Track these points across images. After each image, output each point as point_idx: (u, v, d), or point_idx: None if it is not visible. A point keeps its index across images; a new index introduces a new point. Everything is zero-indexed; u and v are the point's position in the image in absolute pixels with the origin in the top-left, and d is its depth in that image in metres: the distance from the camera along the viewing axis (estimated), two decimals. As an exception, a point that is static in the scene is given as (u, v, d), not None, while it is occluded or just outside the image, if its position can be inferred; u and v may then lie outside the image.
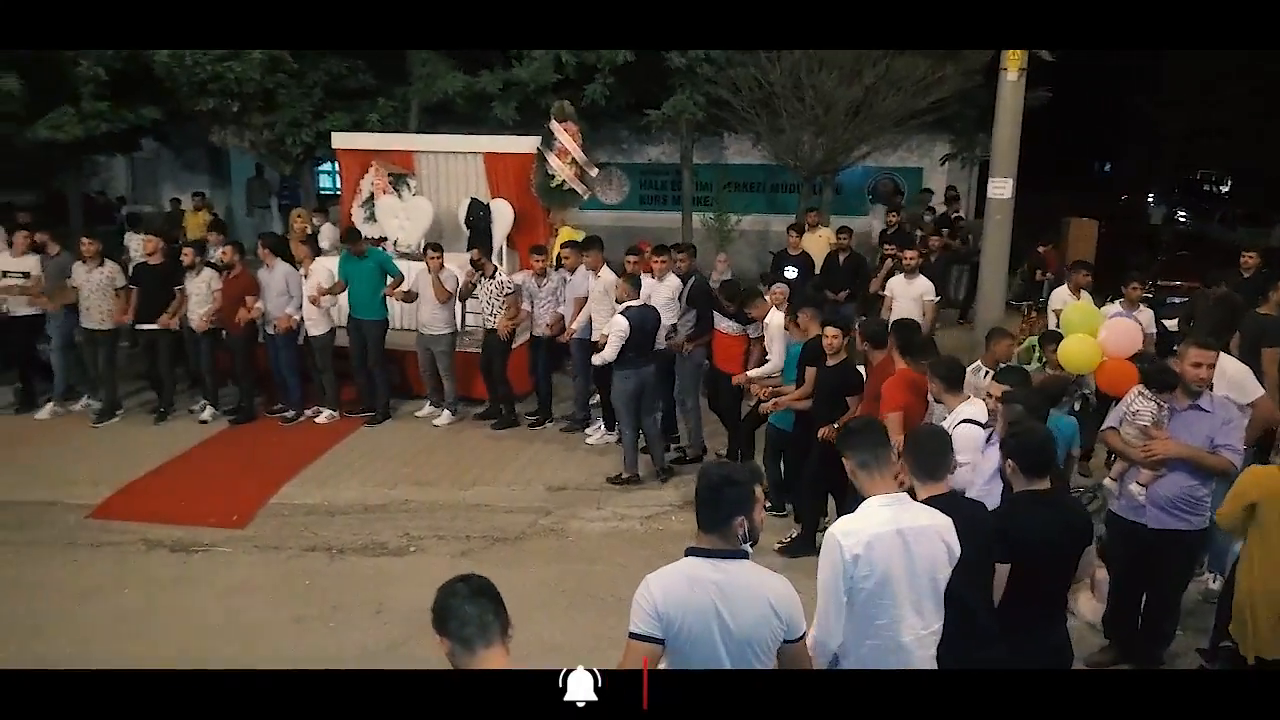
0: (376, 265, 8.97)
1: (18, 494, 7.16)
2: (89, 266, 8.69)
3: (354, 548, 6.52)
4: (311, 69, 12.60)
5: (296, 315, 8.67)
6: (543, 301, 8.78)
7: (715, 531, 2.86)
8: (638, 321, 7.19)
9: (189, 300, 8.75)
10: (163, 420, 8.84)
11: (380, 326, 8.93)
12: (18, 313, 8.97)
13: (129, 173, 18.41)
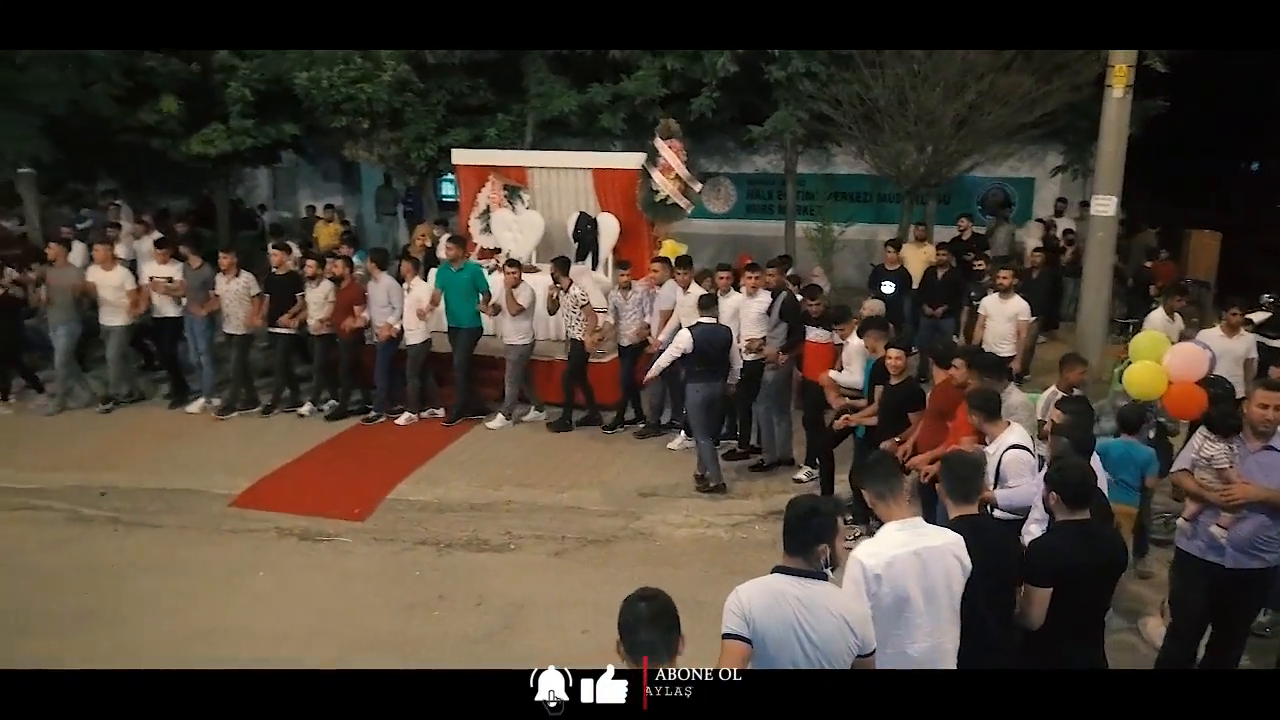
0: (470, 278, 9.56)
1: (170, 482, 8.02)
2: (227, 277, 9.64)
3: (460, 543, 7.10)
4: (435, 88, 13.40)
5: (396, 325, 9.40)
6: (628, 313, 9.26)
7: (800, 555, 3.22)
8: (702, 338, 7.58)
9: (309, 307, 9.60)
10: (268, 415, 9.75)
11: (471, 335, 9.53)
12: (165, 314, 9.97)
13: (270, 181, 19.76)
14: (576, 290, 9.38)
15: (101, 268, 9.78)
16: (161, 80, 13.18)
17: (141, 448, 8.81)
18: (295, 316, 9.62)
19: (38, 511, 7.56)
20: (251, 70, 13.17)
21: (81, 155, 14.16)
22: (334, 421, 9.49)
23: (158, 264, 9.93)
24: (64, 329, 9.76)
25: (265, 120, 13.88)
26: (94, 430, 9.35)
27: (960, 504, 3.83)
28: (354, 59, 12.66)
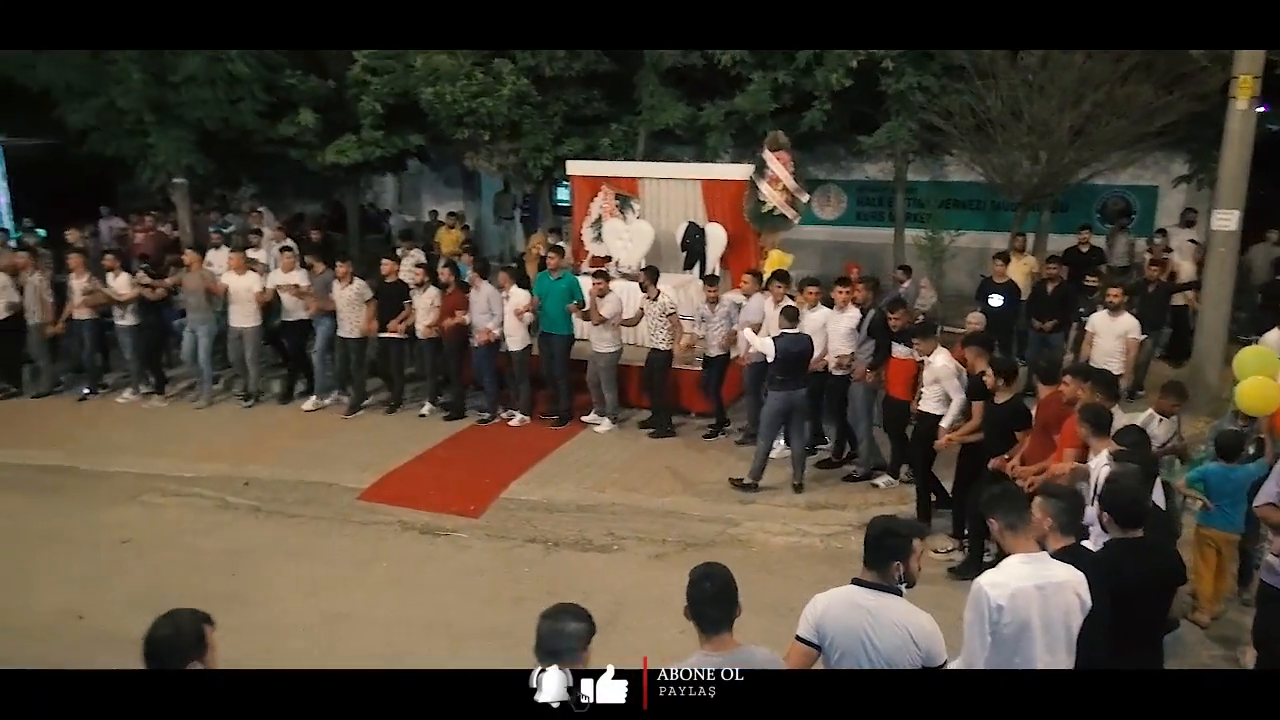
0: (567, 286, 10.02)
1: (305, 475, 8.71)
2: (342, 284, 10.35)
3: (567, 542, 7.52)
4: (553, 100, 13.91)
5: (496, 330, 9.93)
6: (715, 324, 9.55)
7: (876, 570, 3.49)
8: (784, 348, 7.94)
9: (416, 312, 10.21)
10: (392, 413, 10.40)
11: (566, 341, 10.00)
12: (293, 318, 10.75)
13: (396, 187, 20.77)
14: (664, 300, 9.74)
15: (235, 273, 10.62)
16: (300, 96, 14.10)
17: (279, 442, 9.57)
18: (403, 321, 10.25)
19: (191, 498, 8.35)
20: (382, 85, 13.93)
21: (227, 165, 15.27)
22: (451, 421, 10.07)
23: (284, 270, 10.72)
24: (203, 329, 10.64)
25: (393, 132, 14.67)
26: (236, 424, 10.19)
27: (1063, 537, 3.94)
28: (475, 75, 13.27)
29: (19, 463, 9.10)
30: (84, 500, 8.30)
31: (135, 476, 8.76)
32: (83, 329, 10.93)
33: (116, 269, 10.78)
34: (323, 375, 10.75)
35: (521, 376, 10.14)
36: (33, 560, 7.19)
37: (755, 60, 12.66)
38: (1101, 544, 4.20)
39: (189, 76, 12.98)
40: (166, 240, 14.29)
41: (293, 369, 11.08)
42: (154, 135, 13.40)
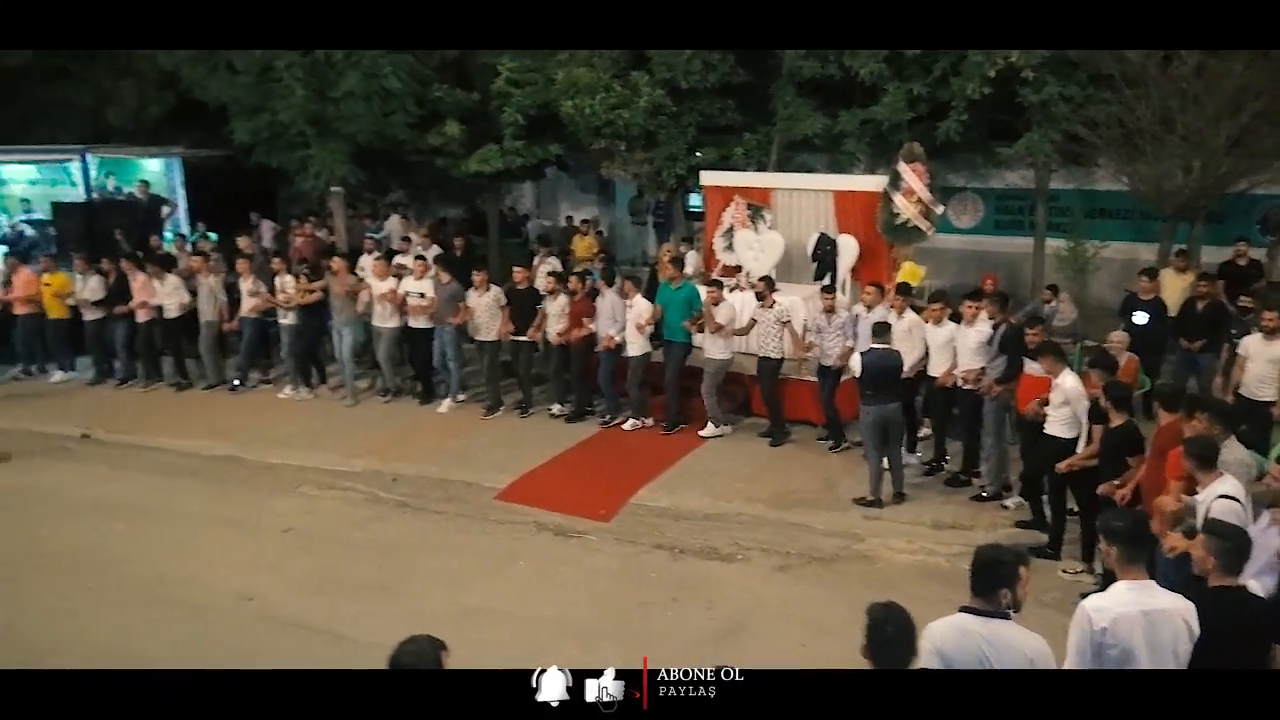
0: (686, 296, 10.31)
1: (448, 473, 9.23)
2: (479, 291, 10.87)
3: (693, 550, 7.75)
4: (687, 110, 14.17)
5: (618, 337, 10.30)
6: (830, 335, 9.64)
7: (983, 597, 3.60)
8: (870, 363, 8.20)
9: (547, 319, 10.67)
10: (525, 415, 10.92)
11: (684, 349, 10.28)
12: (417, 326, 11.34)
13: (534, 193, 21.45)
14: (779, 308, 9.89)
15: (376, 277, 11.32)
16: (447, 108, 14.82)
17: (423, 441, 10.16)
18: (538, 328, 10.73)
19: (345, 492, 8.97)
20: (523, 98, 14.49)
21: (377, 173, 16.16)
22: (572, 423, 10.58)
23: (414, 279, 11.33)
24: (347, 329, 11.38)
25: (533, 141, 15.23)
26: (384, 422, 10.85)
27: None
28: (614, 87, 13.65)
29: (196, 451, 9.97)
30: (251, 489, 9.04)
31: (295, 469, 9.47)
32: (247, 327, 11.85)
33: (282, 272, 11.62)
34: (457, 379, 11.32)
35: (636, 381, 10.47)
36: (208, 544, 7.91)
37: (892, 70, 12.58)
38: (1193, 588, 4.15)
39: (347, 92, 13.84)
40: (323, 245, 15.22)
41: (420, 372, 11.68)
42: (313, 147, 14.35)
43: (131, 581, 7.23)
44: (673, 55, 13.47)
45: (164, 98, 17.29)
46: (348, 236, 15.73)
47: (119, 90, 17.54)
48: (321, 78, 13.99)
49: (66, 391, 12.36)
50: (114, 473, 9.48)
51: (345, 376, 11.64)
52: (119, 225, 14.28)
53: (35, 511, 8.53)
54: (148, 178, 15.91)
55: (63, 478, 9.38)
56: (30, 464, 9.79)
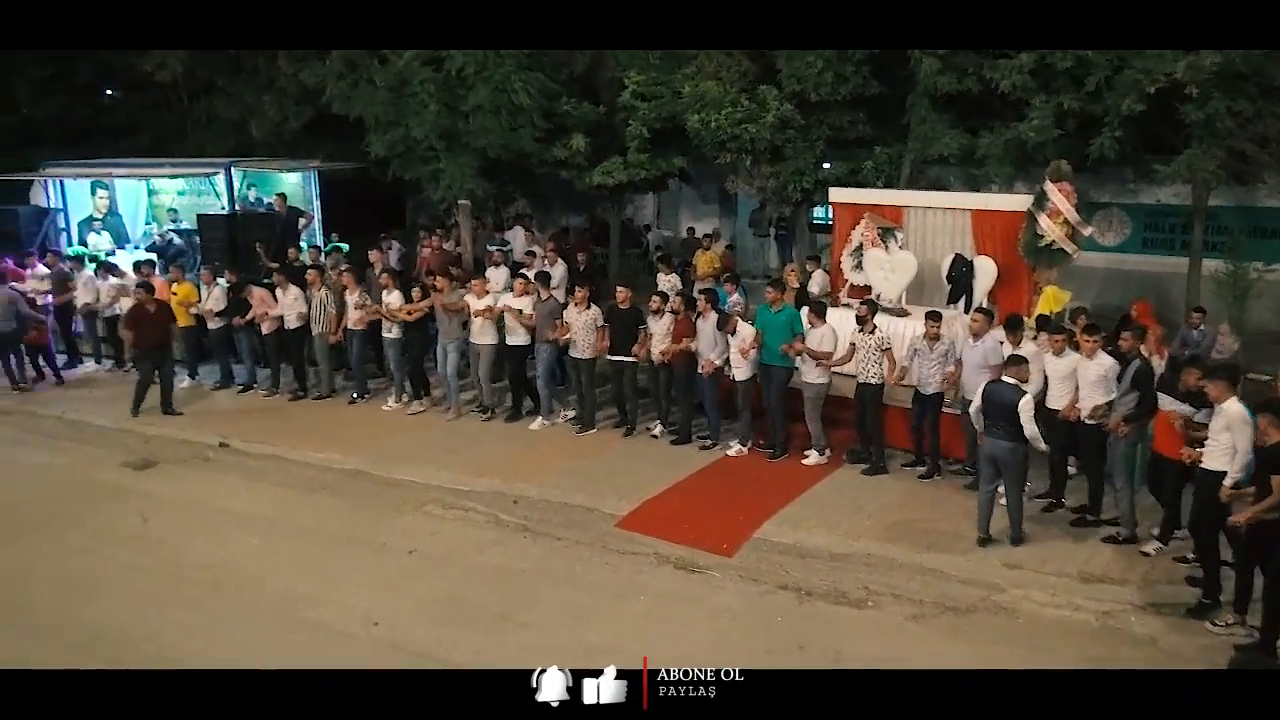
0: (787, 320, 10.05)
1: (569, 497, 9.17)
2: (579, 309, 10.84)
3: (819, 592, 7.45)
4: (816, 124, 13.80)
5: (717, 361, 10.18)
6: (931, 363, 9.25)
7: None
8: (990, 395, 7.89)
9: (651, 339, 10.57)
10: (629, 435, 10.89)
11: (785, 373, 10.03)
12: (514, 342, 11.36)
13: (655, 203, 21.35)
14: (880, 334, 9.56)
15: (474, 296, 11.37)
16: (574, 121, 14.87)
17: (545, 461, 10.14)
18: (643, 346, 10.65)
19: (468, 513, 9.01)
20: (649, 111, 14.40)
21: (503, 185, 16.36)
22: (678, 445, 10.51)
23: (514, 295, 11.33)
24: (451, 345, 11.54)
25: (658, 154, 15.14)
26: (506, 440, 10.89)
27: None
28: (741, 101, 13.40)
29: (327, 465, 10.20)
30: (378, 507, 9.18)
31: (420, 486, 9.58)
32: (353, 339, 12.15)
33: (391, 287, 11.84)
34: (549, 398, 11.32)
35: (744, 405, 10.32)
36: (337, 563, 8.05)
37: (1038, 83, 11.94)
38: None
39: (476, 106, 14.03)
40: (449, 257, 15.46)
41: (515, 389, 11.70)
42: (444, 161, 14.59)
43: (264, 599, 7.41)
44: (803, 67, 13.13)
45: (302, 111, 17.94)
46: (473, 247, 15.96)
47: (261, 104, 18.29)
48: (452, 92, 14.23)
49: (200, 397, 12.86)
50: (249, 484, 9.78)
51: (449, 392, 11.78)
52: (259, 236, 14.83)
53: (176, 522, 8.87)
54: (286, 190, 16.48)
55: (202, 488, 9.73)
56: (172, 472, 10.20)
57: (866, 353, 9.59)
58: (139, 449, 10.87)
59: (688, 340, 10.43)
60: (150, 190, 17.53)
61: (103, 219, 16.92)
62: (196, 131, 19.91)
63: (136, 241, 17.03)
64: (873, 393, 9.63)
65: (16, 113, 20.39)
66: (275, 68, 17.88)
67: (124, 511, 9.04)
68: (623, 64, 14.71)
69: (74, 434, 11.47)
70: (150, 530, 8.68)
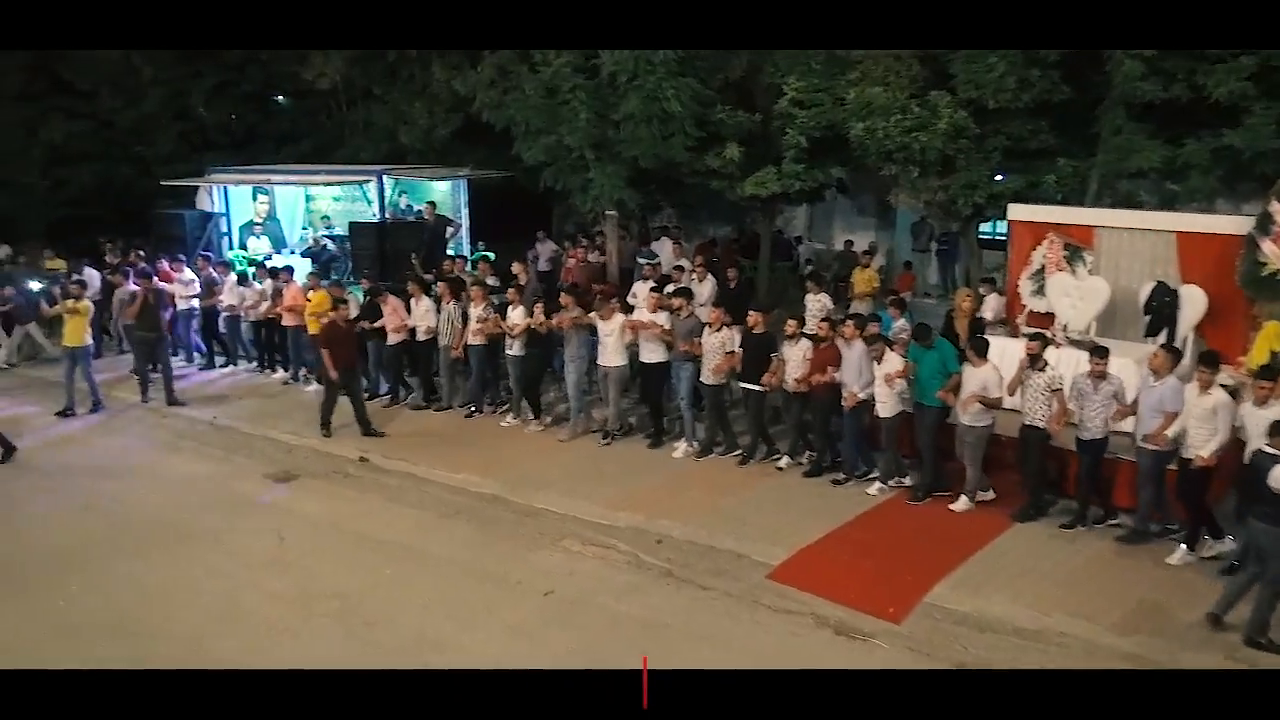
0: (940, 355, 9.05)
1: (717, 539, 8.46)
2: (713, 330, 10.22)
3: (1004, 674, 6.51)
4: (992, 134, 12.67)
5: (861, 393, 9.34)
6: (1094, 404, 8.22)
7: None
8: (1252, 468, 6.76)
9: (785, 365, 9.87)
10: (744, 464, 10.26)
11: (937, 413, 9.06)
12: (650, 359, 10.77)
13: (807, 214, 20.43)
14: (1052, 372, 8.50)
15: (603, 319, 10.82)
16: (728, 130, 14.18)
17: (689, 495, 9.47)
18: (774, 374, 9.94)
19: (608, 550, 8.43)
20: (808, 119, 13.57)
21: (651, 195, 15.83)
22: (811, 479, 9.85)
23: (649, 309, 10.71)
24: (573, 364, 11.08)
25: (815, 164, 14.29)
26: (647, 469, 10.28)
27: None
28: (911, 108, 12.43)
29: (464, 488, 9.83)
30: (514, 539, 8.72)
31: (558, 518, 9.08)
32: (474, 354, 11.87)
33: (516, 301, 11.47)
34: (692, 421, 10.71)
35: (888, 444, 9.47)
36: (470, 600, 7.60)
37: (1259, 89, 10.52)
38: None
39: (628, 115, 13.53)
40: (594, 269, 15.06)
41: (653, 413, 11.11)
42: (593, 170, 14.17)
43: (392, 638, 7.01)
44: (982, 71, 12.06)
45: (451, 119, 17.93)
46: (618, 259, 15.50)
47: (413, 111, 18.39)
48: (603, 100, 13.79)
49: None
50: (387, 505, 9.50)
51: (571, 412, 11.37)
52: (407, 245, 14.79)
53: (311, 544, 8.63)
54: (435, 198, 16.44)
55: (340, 506, 9.51)
56: (312, 486, 10.05)
57: (1035, 392, 8.55)
58: (282, 460, 10.82)
59: (832, 370, 9.59)
60: (308, 196, 17.86)
61: (262, 224, 17.32)
62: (353, 139, 20.26)
63: (292, 246, 17.36)
64: (1039, 437, 8.59)
65: (190, 119, 21.24)
66: (429, 75, 17.94)
67: (263, 529, 8.88)
68: (781, 69, 13.94)
69: (223, 440, 11.53)
70: (286, 552, 8.48)
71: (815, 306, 12.05)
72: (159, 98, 20.68)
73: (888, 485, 9.49)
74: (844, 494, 9.49)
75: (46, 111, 20.44)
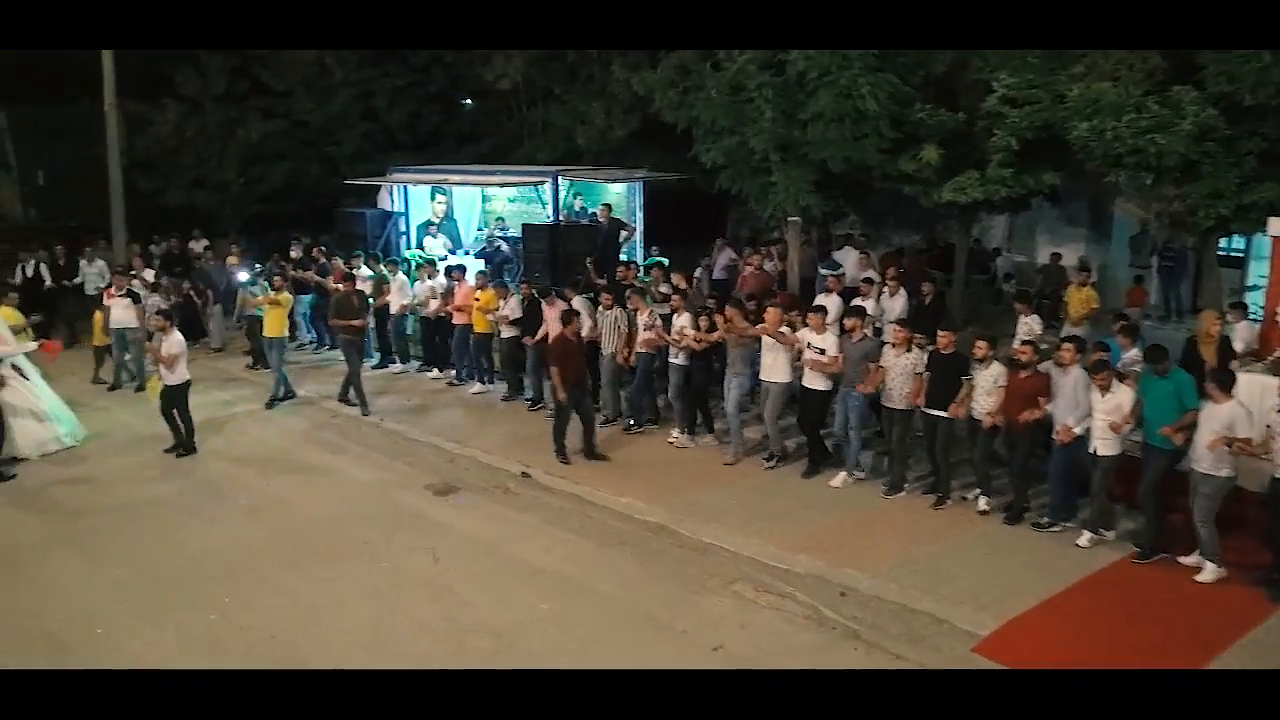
0: (1174, 388, 7.71)
1: (911, 598, 7.39)
2: (897, 352, 9.21)
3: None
4: (1246, 135, 10.91)
5: (1077, 427, 8.11)
6: None
7: None
8: None
9: (974, 391, 8.75)
10: (940, 505, 9.14)
11: (1165, 458, 7.74)
12: (814, 386, 9.82)
13: (1007, 223, 18.71)
14: None
15: (814, 332, 9.86)
16: (927, 131, 12.90)
17: (878, 540, 8.44)
18: (961, 405, 8.84)
19: (784, 600, 7.49)
20: (1021, 119, 12.14)
21: (836, 201, 14.70)
22: (1012, 525, 8.68)
23: (814, 330, 9.74)
24: (736, 381, 10.33)
25: (1024, 169, 12.81)
26: (830, 504, 9.29)
27: None
28: (1147, 106, 10.85)
29: (629, 514, 9.14)
30: (681, 577, 7.92)
31: (729, 555, 8.23)
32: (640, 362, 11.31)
33: (680, 309, 10.86)
34: (856, 449, 9.72)
35: (1102, 487, 8.20)
36: (628, 647, 6.84)
37: None
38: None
39: (817, 114, 12.51)
40: (770, 280, 14.10)
41: (810, 441, 10.19)
42: (777, 173, 13.21)
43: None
44: (1238, 63, 10.36)
45: (628, 120, 17.38)
46: (798, 269, 14.47)
47: (591, 111, 17.97)
48: (791, 99, 12.81)
49: (499, 411, 12.51)
50: (547, 529, 8.90)
51: (732, 431, 10.59)
52: (580, 248, 14.30)
53: (467, 568, 8.11)
54: (610, 200, 15.90)
55: (499, 527, 8.99)
56: (473, 502, 9.60)
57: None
58: (444, 469, 10.45)
59: (1044, 401, 8.40)
60: (484, 197, 17.74)
61: (439, 224, 17.30)
62: (530, 140, 20.09)
63: (467, 247, 17.26)
64: None
65: (376, 120, 21.67)
66: (608, 74, 17.45)
67: (419, 546, 8.46)
68: (991, 64, 12.55)
69: (387, 444, 11.32)
70: (440, 573, 8.00)
71: (1024, 330, 10.73)
72: (347, 98, 21.20)
73: (1098, 535, 8.27)
74: (1053, 546, 8.27)
75: (246, 112, 21.31)
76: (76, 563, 8.19)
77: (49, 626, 7.09)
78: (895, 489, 9.53)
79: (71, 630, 7.04)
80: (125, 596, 7.57)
